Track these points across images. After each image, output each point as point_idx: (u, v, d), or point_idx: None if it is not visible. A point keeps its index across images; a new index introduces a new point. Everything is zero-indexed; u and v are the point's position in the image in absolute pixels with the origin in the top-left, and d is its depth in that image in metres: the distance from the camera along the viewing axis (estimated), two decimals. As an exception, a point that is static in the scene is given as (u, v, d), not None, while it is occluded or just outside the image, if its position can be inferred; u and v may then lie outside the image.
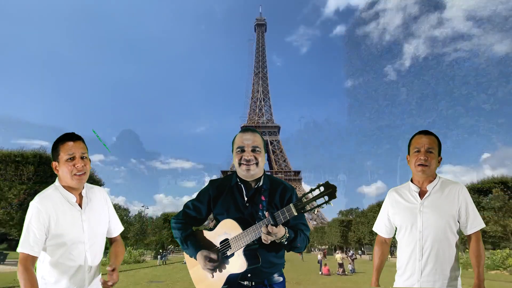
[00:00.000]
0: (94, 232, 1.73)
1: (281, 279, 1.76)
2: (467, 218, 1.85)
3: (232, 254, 1.66)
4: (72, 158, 1.63)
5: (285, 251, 1.79)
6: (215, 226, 1.78)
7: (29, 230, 1.57)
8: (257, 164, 1.74)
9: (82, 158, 1.65)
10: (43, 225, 1.58)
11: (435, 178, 1.92)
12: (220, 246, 1.72)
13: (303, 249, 1.74)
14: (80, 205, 1.71)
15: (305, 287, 11.10)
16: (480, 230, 1.88)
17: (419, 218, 1.87)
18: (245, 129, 1.81)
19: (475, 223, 1.85)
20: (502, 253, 18.25)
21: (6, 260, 20.76)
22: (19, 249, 1.58)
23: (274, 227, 1.51)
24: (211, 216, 1.92)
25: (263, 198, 1.73)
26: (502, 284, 12.45)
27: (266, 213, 1.53)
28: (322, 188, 1.44)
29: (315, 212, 1.49)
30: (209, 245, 1.76)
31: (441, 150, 1.92)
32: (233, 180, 1.83)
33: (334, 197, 1.43)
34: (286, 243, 1.62)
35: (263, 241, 1.55)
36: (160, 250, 34.37)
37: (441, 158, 1.91)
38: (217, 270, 1.70)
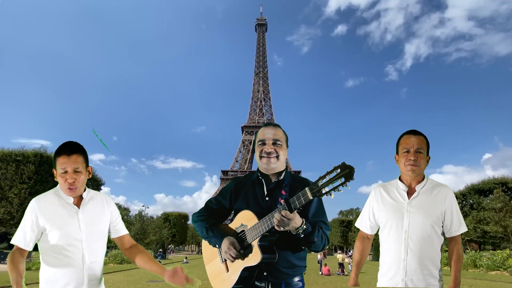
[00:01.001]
0: (92, 232, 1.75)
1: (300, 284, 1.69)
2: (451, 221, 1.87)
3: (248, 246, 1.61)
4: (65, 172, 1.68)
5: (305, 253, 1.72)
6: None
7: (22, 225, 1.71)
8: (277, 157, 1.72)
9: (75, 172, 1.69)
10: (34, 221, 1.67)
11: (423, 179, 1.93)
12: (237, 237, 1.66)
13: (321, 248, 1.65)
14: (78, 205, 1.75)
15: (305, 287, 11.06)
16: (461, 234, 1.90)
17: (405, 217, 1.87)
18: (267, 124, 1.80)
19: (459, 226, 1.88)
20: (503, 253, 18.19)
21: (7, 259, 20.77)
22: (12, 240, 1.71)
23: (289, 213, 1.45)
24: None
25: (283, 192, 1.69)
26: (503, 284, 12.42)
27: (282, 201, 1.49)
28: (338, 171, 1.37)
29: (332, 196, 1.39)
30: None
31: (429, 150, 1.92)
32: (254, 175, 1.82)
33: (352, 178, 1.35)
34: (302, 235, 1.54)
35: (275, 226, 1.48)
36: (160, 250, 34.35)
37: (429, 158, 1.92)
38: (235, 260, 1.63)
